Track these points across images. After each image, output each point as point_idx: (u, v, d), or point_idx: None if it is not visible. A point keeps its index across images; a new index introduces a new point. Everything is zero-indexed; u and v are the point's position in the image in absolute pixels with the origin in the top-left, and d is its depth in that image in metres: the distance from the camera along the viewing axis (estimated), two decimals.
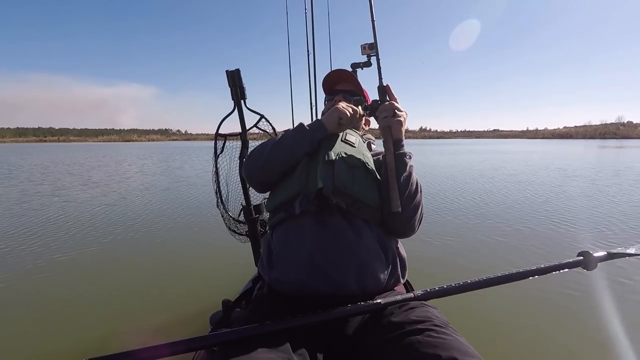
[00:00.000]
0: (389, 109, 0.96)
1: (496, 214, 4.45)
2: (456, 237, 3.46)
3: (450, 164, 12.35)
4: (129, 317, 2.02)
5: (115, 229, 3.87)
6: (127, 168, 12.15)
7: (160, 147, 36.15)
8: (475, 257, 2.92)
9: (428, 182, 7.28)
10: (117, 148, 36.65)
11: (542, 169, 10.31)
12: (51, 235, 3.64)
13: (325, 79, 1.24)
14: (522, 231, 3.67)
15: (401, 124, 0.96)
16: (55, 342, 1.79)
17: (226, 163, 1.58)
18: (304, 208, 0.93)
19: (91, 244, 3.33)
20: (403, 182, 0.93)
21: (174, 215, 4.53)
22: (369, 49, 1.09)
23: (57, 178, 8.83)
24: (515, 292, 2.12)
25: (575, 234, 3.57)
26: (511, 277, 0.88)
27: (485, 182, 7.43)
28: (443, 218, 4.27)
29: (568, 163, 12.35)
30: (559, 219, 4.13)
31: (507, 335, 1.79)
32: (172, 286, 2.44)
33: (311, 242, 0.89)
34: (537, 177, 8.29)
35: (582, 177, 8.21)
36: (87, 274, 2.65)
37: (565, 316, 1.93)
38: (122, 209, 4.92)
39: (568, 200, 5.28)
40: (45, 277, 2.57)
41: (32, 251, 3.12)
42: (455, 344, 0.68)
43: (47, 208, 5.01)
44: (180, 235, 3.68)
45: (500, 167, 11.05)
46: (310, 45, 2.37)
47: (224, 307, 1.06)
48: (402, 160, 0.95)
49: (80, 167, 12.44)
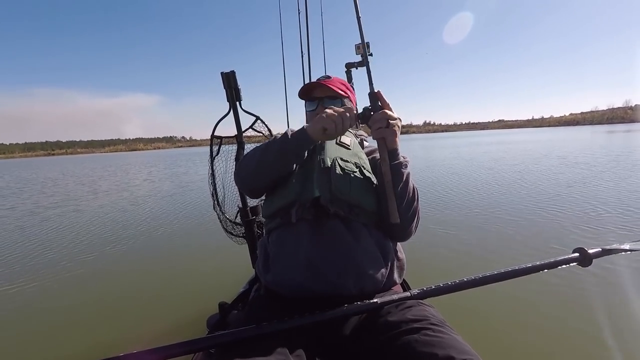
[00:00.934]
0: (382, 119, 0.91)
1: (493, 212, 4.46)
2: (453, 236, 3.47)
3: (452, 157, 12.34)
4: (127, 320, 2.01)
5: (114, 235, 3.85)
6: (132, 176, 12.14)
7: (164, 155, 35.93)
8: (472, 255, 2.92)
9: (425, 178, 7.27)
10: (124, 157, 36.65)
11: (544, 158, 10.21)
12: (51, 244, 3.61)
13: (301, 90, 1.15)
14: (521, 228, 3.68)
15: (395, 134, 0.92)
16: (52, 347, 1.78)
17: (222, 165, 1.57)
18: (300, 216, 0.92)
19: (89, 249, 3.31)
20: (400, 192, 0.92)
21: (171, 219, 4.52)
22: (363, 48, 1.09)
23: (66, 190, 8.82)
24: (512, 289, 2.13)
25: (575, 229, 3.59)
26: (507, 274, 0.88)
27: (484, 177, 7.45)
28: (438, 216, 4.27)
29: (569, 151, 12.25)
30: (557, 214, 4.15)
31: (504, 333, 1.80)
32: (169, 289, 2.43)
33: (308, 245, 0.89)
34: (537, 167, 8.28)
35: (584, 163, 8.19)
36: (85, 279, 2.64)
37: (561, 313, 1.94)
38: (123, 216, 4.90)
39: (568, 195, 5.30)
40: (44, 283, 2.55)
41: (34, 259, 3.10)
42: (452, 342, 0.68)
43: (49, 219, 4.98)
44: (178, 238, 3.67)
45: (501, 158, 11.07)
46: (305, 46, 2.37)
47: (221, 310, 1.06)
48: (398, 171, 0.93)
49: (86, 178, 12.47)
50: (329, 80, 1.12)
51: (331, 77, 1.15)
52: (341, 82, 1.16)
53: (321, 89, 1.12)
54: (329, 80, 1.13)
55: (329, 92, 1.11)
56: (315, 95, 1.13)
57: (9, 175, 12.44)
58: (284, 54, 2.59)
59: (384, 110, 0.92)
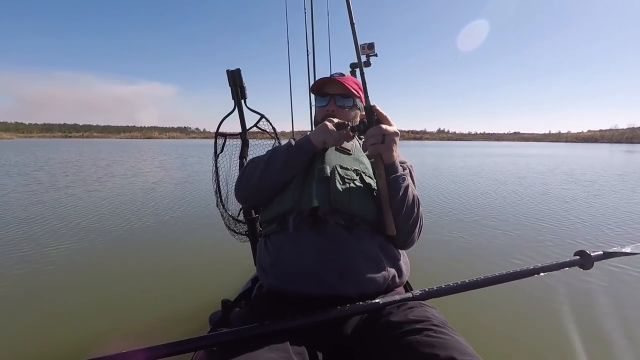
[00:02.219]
0: (377, 135, 0.85)
1: (496, 215, 4.46)
2: (454, 238, 3.47)
3: (460, 166, 12.32)
4: (128, 316, 2.02)
5: (114, 228, 3.86)
6: (144, 165, 12.21)
7: (178, 145, 36.15)
8: (473, 257, 2.92)
9: (431, 185, 7.26)
10: (139, 144, 37.12)
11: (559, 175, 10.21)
12: (49, 232, 3.63)
13: (314, 84, 1.17)
14: (522, 230, 3.67)
15: (391, 150, 0.87)
16: (52, 343, 1.78)
17: (226, 162, 1.58)
18: (297, 226, 0.91)
19: (90, 243, 3.33)
20: (398, 206, 0.90)
21: (174, 215, 4.53)
22: (368, 49, 1.09)
23: (78, 171, 8.83)
24: (513, 291, 2.13)
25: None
26: (509, 276, 0.88)
27: (490, 184, 7.44)
28: (442, 219, 4.27)
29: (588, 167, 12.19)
30: (560, 220, 4.14)
31: (506, 334, 1.79)
32: (171, 286, 2.44)
33: (307, 252, 0.88)
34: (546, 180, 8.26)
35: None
36: (86, 273, 2.65)
37: (563, 315, 1.93)
38: (126, 208, 4.91)
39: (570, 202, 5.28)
40: (41, 277, 2.56)
41: (32, 249, 3.12)
42: (454, 343, 0.68)
43: (58, 201, 5.00)
44: (180, 234, 3.68)
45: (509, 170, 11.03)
46: (310, 45, 2.37)
47: (223, 307, 1.06)
48: (396, 185, 0.89)
49: (102, 161, 12.60)
50: (343, 78, 1.11)
51: (345, 75, 1.14)
52: (355, 81, 1.15)
53: (335, 86, 1.10)
54: (343, 77, 1.11)
55: (342, 89, 1.09)
56: (327, 91, 1.12)
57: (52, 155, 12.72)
58: (289, 53, 2.59)
59: (379, 125, 0.86)
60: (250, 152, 1.55)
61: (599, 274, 2.38)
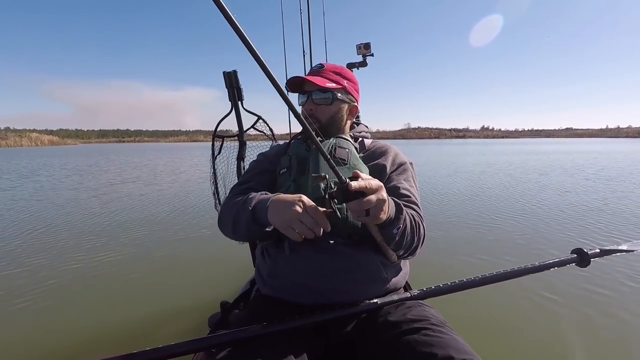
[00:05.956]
0: (359, 212, 0.68)
1: (498, 217, 4.47)
2: (454, 237, 3.47)
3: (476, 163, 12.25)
4: (127, 319, 2.01)
5: (113, 231, 3.85)
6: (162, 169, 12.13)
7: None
8: (471, 256, 2.93)
9: (435, 185, 7.22)
10: (188, 148, 37.63)
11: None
12: (47, 238, 3.62)
13: (287, 82, 1.02)
14: (523, 233, 3.69)
15: (377, 216, 0.71)
16: (53, 345, 1.78)
17: (224, 164, 1.58)
18: (293, 247, 0.87)
19: (91, 244, 3.31)
20: (395, 247, 0.83)
21: (174, 217, 4.52)
22: (364, 48, 1.09)
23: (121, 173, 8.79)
24: (512, 290, 2.14)
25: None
26: (507, 275, 0.89)
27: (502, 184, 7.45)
28: (442, 218, 4.28)
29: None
30: (560, 222, 4.15)
31: (504, 333, 1.80)
32: (170, 288, 2.43)
33: (305, 267, 0.87)
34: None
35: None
36: (85, 275, 2.64)
37: (561, 313, 1.94)
38: (127, 211, 4.90)
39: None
40: (41, 277, 2.55)
41: (33, 253, 3.11)
42: (452, 342, 0.69)
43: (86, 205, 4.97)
44: (179, 236, 3.67)
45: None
46: (307, 45, 2.37)
47: (222, 309, 1.06)
48: (389, 236, 0.79)
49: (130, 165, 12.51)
50: (318, 73, 1.01)
51: (324, 66, 1.04)
52: (335, 70, 1.03)
53: (310, 84, 1.00)
54: (317, 72, 1.02)
55: (317, 86, 0.98)
56: (304, 88, 1.03)
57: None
58: (285, 53, 2.59)
59: (358, 200, 0.66)
60: (248, 153, 1.56)
61: (596, 272, 2.39)
